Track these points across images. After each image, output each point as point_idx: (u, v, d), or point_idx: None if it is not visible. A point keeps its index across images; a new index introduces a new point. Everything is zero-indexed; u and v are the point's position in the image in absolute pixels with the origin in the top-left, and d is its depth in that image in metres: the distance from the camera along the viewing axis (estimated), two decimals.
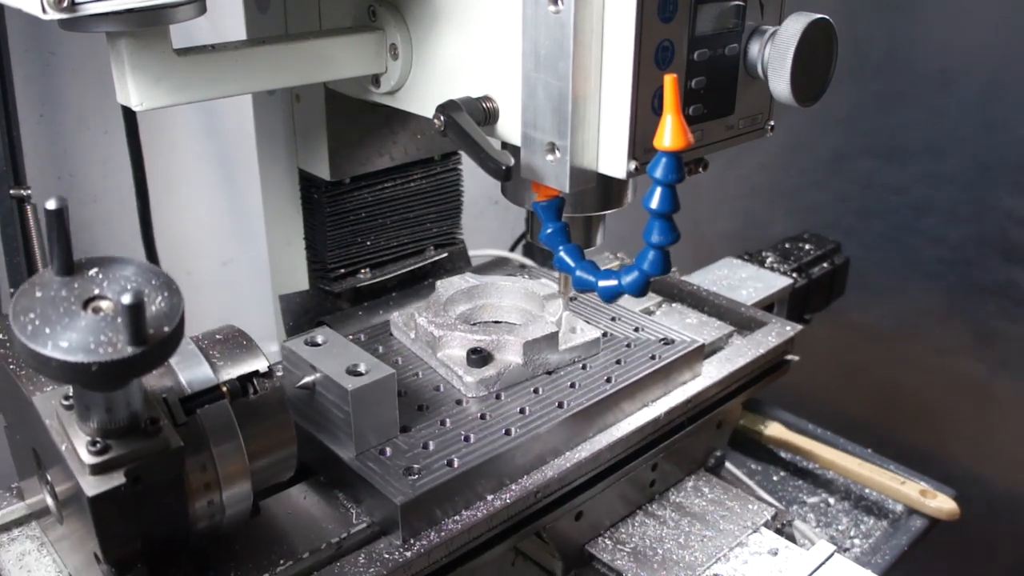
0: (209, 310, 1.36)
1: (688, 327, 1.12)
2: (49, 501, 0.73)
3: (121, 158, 1.26)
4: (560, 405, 0.90)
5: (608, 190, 0.85)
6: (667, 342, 1.02)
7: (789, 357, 1.12)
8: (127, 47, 0.72)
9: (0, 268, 1.17)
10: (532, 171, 0.77)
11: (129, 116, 1.22)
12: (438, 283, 1.05)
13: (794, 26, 0.72)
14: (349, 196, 1.08)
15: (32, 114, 1.29)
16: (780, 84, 0.73)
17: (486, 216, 1.74)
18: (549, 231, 0.82)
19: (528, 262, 1.29)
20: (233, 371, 0.73)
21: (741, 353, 1.07)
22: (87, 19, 0.63)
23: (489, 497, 0.83)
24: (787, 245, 1.50)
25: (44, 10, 0.60)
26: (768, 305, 1.33)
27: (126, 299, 0.52)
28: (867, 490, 1.22)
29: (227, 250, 1.57)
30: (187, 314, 0.58)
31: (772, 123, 0.83)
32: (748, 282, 1.35)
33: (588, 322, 1.03)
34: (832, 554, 0.92)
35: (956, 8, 1.90)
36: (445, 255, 1.18)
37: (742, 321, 1.16)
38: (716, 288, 1.26)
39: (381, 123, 1.07)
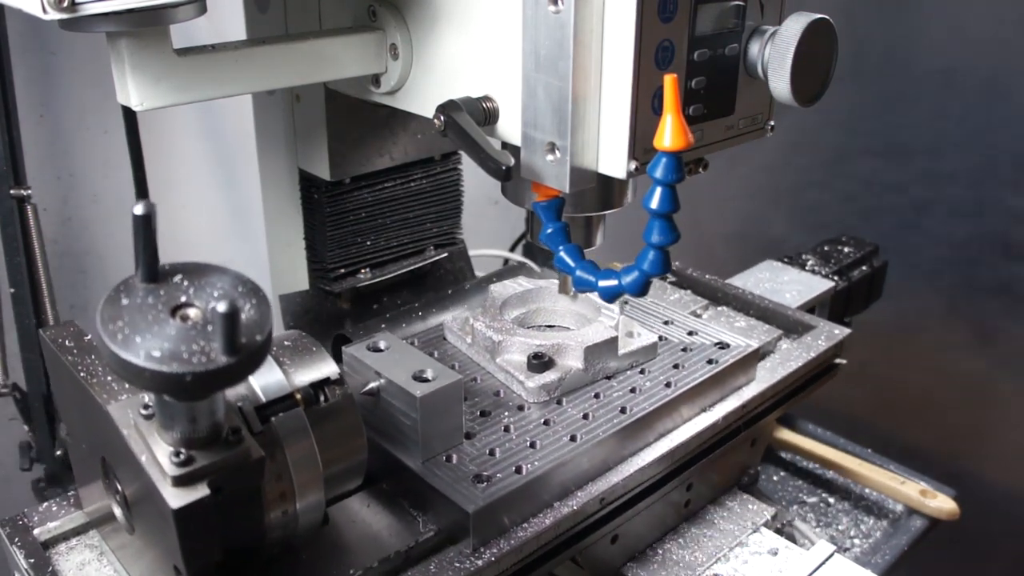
0: None
1: (738, 331, 1.10)
2: (117, 511, 0.71)
3: (121, 158, 1.26)
4: (623, 410, 0.89)
5: (608, 190, 0.84)
6: (722, 346, 1.01)
7: (838, 361, 1.11)
8: (127, 47, 0.72)
9: (0, 268, 1.17)
10: (532, 171, 0.77)
11: (129, 116, 1.22)
12: (491, 287, 1.05)
13: (794, 26, 0.72)
14: (349, 196, 1.08)
15: (32, 114, 1.29)
16: (780, 84, 0.73)
17: (486, 216, 1.74)
18: (549, 231, 0.82)
19: (528, 262, 1.29)
20: (304, 377, 0.72)
21: (792, 357, 1.06)
22: (87, 19, 0.63)
23: (556, 504, 0.82)
24: (826, 248, 1.50)
25: (44, 10, 0.60)
26: (810, 308, 1.33)
27: (221, 307, 0.50)
28: (867, 490, 1.22)
29: (227, 250, 1.58)
30: None
31: (772, 123, 0.83)
32: (790, 285, 1.35)
33: (643, 326, 1.02)
34: (832, 554, 0.92)
35: (957, 7, 1.90)
36: (445, 255, 1.18)
37: (789, 324, 1.15)
38: (759, 291, 1.25)
39: (381, 123, 1.06)
